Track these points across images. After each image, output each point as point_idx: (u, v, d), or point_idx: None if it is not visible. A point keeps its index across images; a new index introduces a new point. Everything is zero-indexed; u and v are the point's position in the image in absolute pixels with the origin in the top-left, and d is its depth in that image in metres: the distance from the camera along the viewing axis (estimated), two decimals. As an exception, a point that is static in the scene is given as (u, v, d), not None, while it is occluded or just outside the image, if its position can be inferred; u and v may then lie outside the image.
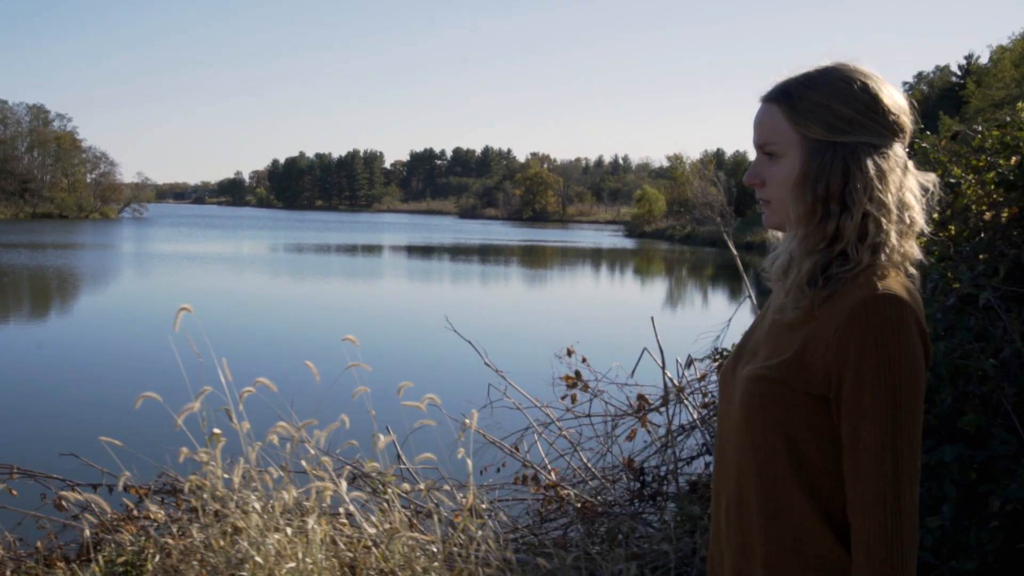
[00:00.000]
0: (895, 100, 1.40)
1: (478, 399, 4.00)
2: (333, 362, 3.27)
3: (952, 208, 4.62)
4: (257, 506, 2.27)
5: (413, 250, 48.61)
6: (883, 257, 1.36)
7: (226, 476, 2.56)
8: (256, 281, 27.27)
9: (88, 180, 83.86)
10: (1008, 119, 3.55)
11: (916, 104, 1.48)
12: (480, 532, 2.31)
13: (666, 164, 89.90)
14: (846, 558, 1.34)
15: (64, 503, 3.22)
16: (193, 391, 2.68)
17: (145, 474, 3.31)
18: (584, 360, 3.86)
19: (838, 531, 1.35)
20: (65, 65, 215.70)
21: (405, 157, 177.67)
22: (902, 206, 1.39)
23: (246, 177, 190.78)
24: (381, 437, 2.65)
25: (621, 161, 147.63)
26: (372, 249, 48.98)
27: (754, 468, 1.41)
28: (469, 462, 2.50)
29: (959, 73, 55.56)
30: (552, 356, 4.08)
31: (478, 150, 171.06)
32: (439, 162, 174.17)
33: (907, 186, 1.40)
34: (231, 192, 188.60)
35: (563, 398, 3.87)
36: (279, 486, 2.42)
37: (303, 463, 2.64)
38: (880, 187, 1.36)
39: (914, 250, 1.41)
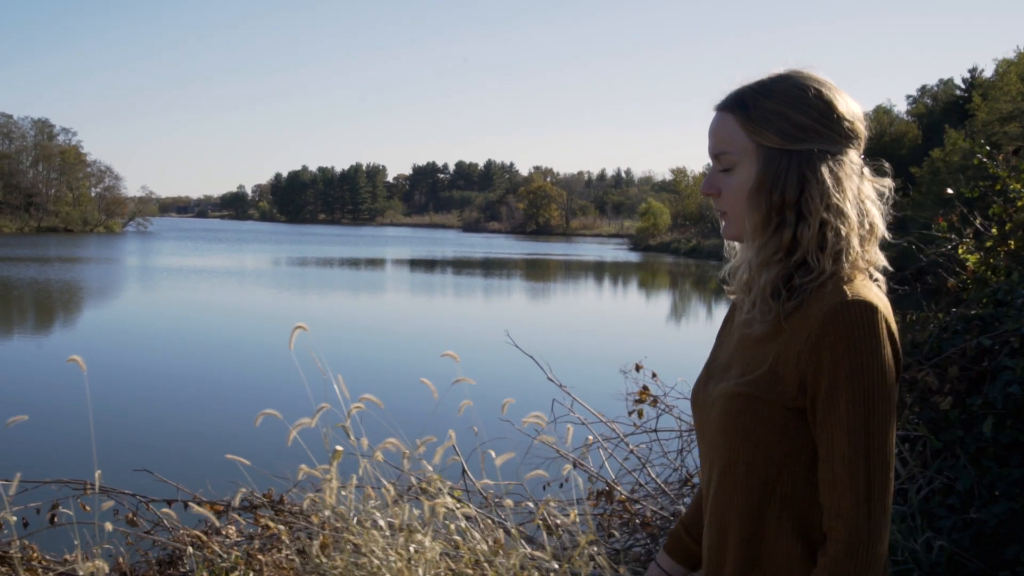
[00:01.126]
0: (850, 107, 1.40)
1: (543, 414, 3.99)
2: (412, 378, 3.27)
3: (1012, 222, 4.62)
4: (382, 523, 2.26)
5: (432, 264, 48.64)
6: (846, 264, 1.36)
7: (344, 492, 2.54)
8: (300, 298, 27.24)
9: (93, 194, 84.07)
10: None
11: (919, 117, 1.47)
12: (594, 548, 2.30)
13: (669, 177, 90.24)
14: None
15: (165, 521, 3.21)
16: (299, 406, 2.68)
17: (258, 488, 3.31)
18: (654, 376, 3.85)
19: (813, 546, 1.35)
20: (68, 78, 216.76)
21: (408, 171, 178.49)
22: (861, 212, 1.38)
23: (249, 191, 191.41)
24: (493, 454, 2.64)
25: (624, 174, 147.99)
26: (381, 263, 48.98)
27: (733, 485, 1.40)
28: (579, 479, 2.49)
29: (963, 86, 55.64)
30: (616, 371, 4.07)
31: (480, 163, 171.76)
32: (442, 175, 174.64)
33: (865, 192, 1.40)
34: (234, 206, 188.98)
35: (630, 413, 3.85)
36: (394, 504, 2.41)
37: (412, 479, 2.63)
38: (837, 194, 1.35)
39: (878, 256, 1.41)
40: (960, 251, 4.74)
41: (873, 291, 1.35)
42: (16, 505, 3.23)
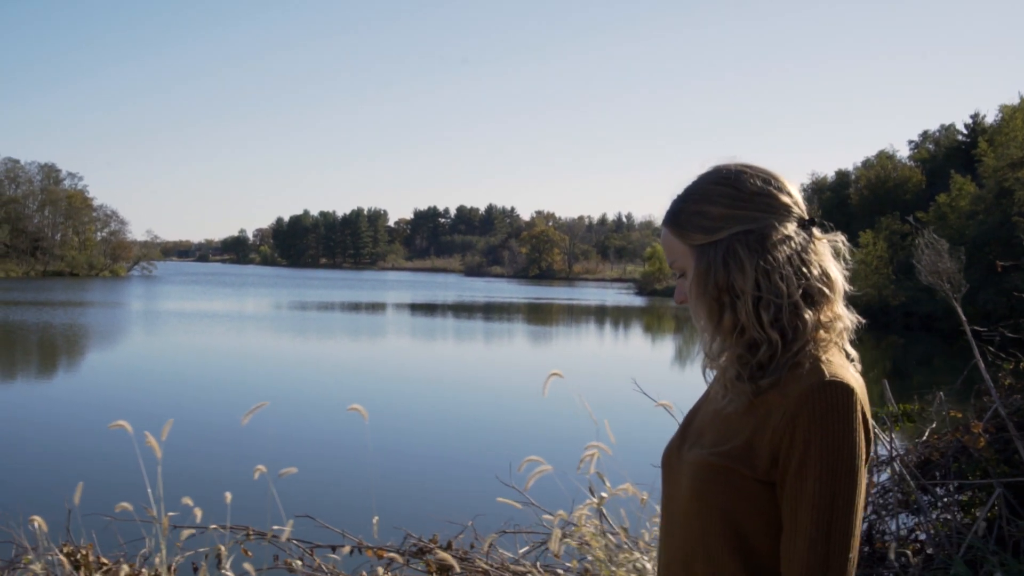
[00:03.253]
0: (759, 182, 1.44)
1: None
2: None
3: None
4: (649, 567, 2.24)
5: (491, 309, 48.64)
6: (808, 333, 1.38)
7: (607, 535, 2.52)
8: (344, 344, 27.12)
9: (98, 238, 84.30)
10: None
11: (922, 162, 1.50)
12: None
13: None
14: None
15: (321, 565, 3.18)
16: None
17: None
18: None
19: None
20: (69, 121, 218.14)
21: (409, 215, 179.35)
22: (803, 276, 1.41)
23: (250, 235, 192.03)
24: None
25: (625, 219, 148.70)
26: (381, 307, 48.97)
27: (703, 553, 1.41)
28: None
29: (965, 132, 56.21)
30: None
31: (481, 208, 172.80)
32: (443, 220, 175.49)
33: (816, 254, 1.43)
34: (235, 250, 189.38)
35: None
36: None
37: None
38: (764, 268, 1.40)
39: (843, 314, 1.43)
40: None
41: (850, 371, 1.38)
42: (187, 550, 3.22)
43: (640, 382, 3.15)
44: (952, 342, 33.72)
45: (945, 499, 3.64)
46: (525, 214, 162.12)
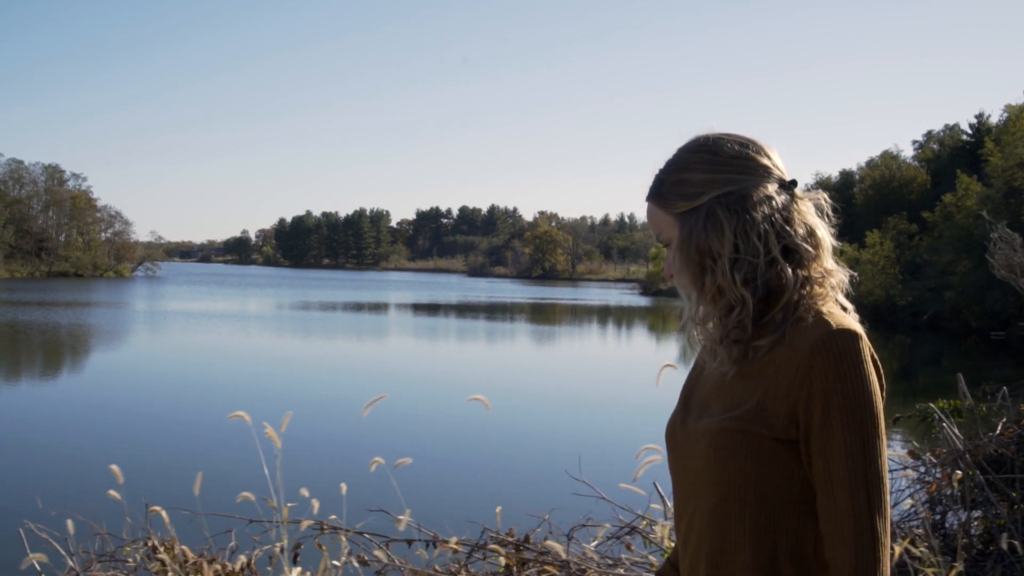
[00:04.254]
0: (737, 146, 1.46)
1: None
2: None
3: None
4: None
5: (503, 309, 48.69)
6: (787, 288, 1.40)
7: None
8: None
9: (102, 239, 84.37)
10: None
11: (927, 162, 1.51)
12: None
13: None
14: None
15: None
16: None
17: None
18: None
19: (807, 573, 1.38)
20: (72, 121, 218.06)
21: (411, 216, 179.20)
22: (788, 233, 1.43)
23: (252, 236, 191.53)
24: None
25: (627, 219, 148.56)
26: (435, 309, 48.99)
27: (725, 519, 1.41)
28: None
29: (970, 131, 56.21)
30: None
31: (484, 208, 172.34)
32: (445, 220, 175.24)
33: (800, 213, 1.45)
34: (237, 251, 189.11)
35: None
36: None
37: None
38: (745, 227, 1.41)
39: (834, 268, 1.45)
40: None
41: (849, 318, 1.40)
42: (264, 544, 3.23)
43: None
44: (959, 342, 33.79)
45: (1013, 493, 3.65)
46: (528, 214, 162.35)
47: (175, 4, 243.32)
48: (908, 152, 60.45)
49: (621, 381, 18.51)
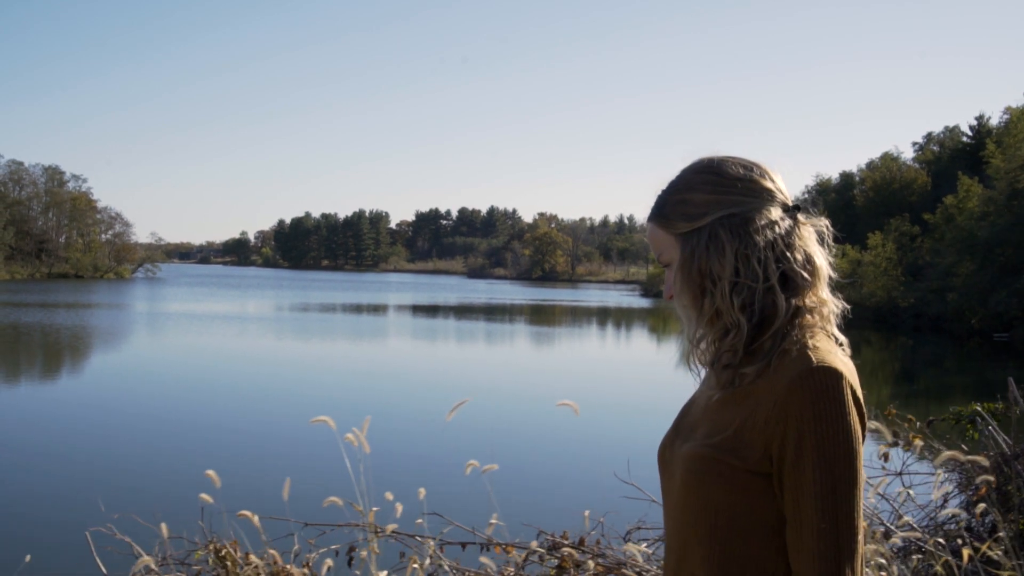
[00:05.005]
0: (741, 169, 1.45)
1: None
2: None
3: None
4: None
5: (493, 311, 48.70)
6: (779, 316, 1.38)
7: None
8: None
9: (103, 240, 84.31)
10: None
11: (927, 163, 1.52)
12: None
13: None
14: None
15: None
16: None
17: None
18: (912, 420, 3.87)
19: None
20: (71, 122, 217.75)
21: (410, 217, 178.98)
22: (787, 259, 1.41)
23: (251, 237, 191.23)
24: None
25: (627, 220, 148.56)
26: (435, 310, 48.97)
27: (696, 545, 1.40)
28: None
29: (970, 133, 56.29)
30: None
31: (483, 210, 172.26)
32: (444, 222, 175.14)
33: (797, 238, 1.43)
34: (236, 252, 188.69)
35: (881, 455, 3.87)
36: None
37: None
38: (746, 251, 1.40)
39: (828, 299, 1.43)
40: None
41: (838, 356, 1.37)
42: (321, 547, 3.26)
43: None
44: (962, 343, 33.84)
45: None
46: (527, 216, 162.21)
47: (175, 4, 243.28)
48: (908, 154, 60.59)
49: (661, 384, 18.47)
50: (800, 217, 1.45)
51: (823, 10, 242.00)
